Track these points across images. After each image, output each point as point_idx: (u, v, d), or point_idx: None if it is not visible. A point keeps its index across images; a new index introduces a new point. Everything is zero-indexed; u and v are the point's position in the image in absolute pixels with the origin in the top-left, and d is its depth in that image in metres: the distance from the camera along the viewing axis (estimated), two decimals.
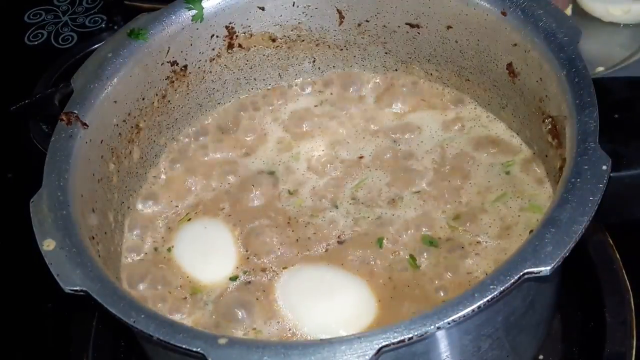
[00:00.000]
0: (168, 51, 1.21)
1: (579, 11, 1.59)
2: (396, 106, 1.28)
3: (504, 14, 1.12)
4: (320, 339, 0.85)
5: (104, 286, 0.91)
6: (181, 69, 1.24)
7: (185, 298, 1.10)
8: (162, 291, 1.11)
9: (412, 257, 1.09)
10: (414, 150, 1.22)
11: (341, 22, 1.28)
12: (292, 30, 1.29)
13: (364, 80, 1.32)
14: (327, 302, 1.06)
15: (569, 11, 1.56)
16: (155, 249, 1.16)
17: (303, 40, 1.30)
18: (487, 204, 1.13)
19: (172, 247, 1.16)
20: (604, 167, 0.91)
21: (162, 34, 1.19)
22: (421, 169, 1.19)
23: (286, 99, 1.33)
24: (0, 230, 1.46)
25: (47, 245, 0.95)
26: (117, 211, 1.15)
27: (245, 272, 1.11)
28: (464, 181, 1.16)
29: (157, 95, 1.22)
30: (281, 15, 1.27)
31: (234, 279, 1.11)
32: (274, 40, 1.29)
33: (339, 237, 1.13)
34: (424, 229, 1.12)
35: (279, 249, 1.13)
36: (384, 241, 1.11)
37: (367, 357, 0.80)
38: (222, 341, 0.84)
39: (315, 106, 1.32)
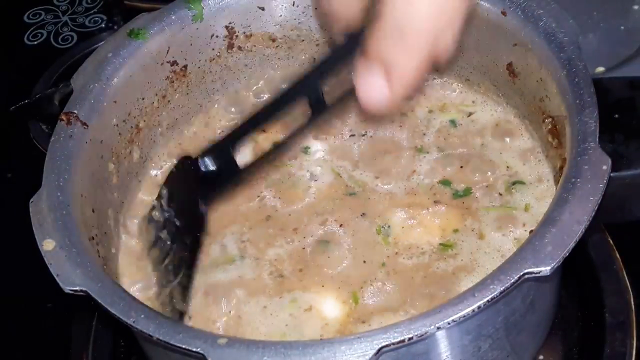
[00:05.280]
0: (168, 51, 1.21)
1: None
2: None
3: (504, 13, 1.12)
4: (320, 339, 0.85)
5: (104, 286, 0.91)
6: (181, 69, 1.23)
7: None
8: None
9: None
10: None
11: None
12: (292, 30, 1.29)
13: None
14: None
15: None
16: None
17: (303, 40, 1.30)
18: None
19: None
20: (604, 167, 0.90)
21: (162, 34, 1.19)
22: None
23: None
24: (0, 230, 1.46)
25: (47, 245, 0.95)
26: (117, 211, 1.15)
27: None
28: None
29: (157, 95, 1.22)
30: (281, 15, 1.27)
31: None
32: (273, 40, 1.29)
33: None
34: None
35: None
36: None
37: (367, 357, 0.80)
38: (221, 341, 0.84)
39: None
